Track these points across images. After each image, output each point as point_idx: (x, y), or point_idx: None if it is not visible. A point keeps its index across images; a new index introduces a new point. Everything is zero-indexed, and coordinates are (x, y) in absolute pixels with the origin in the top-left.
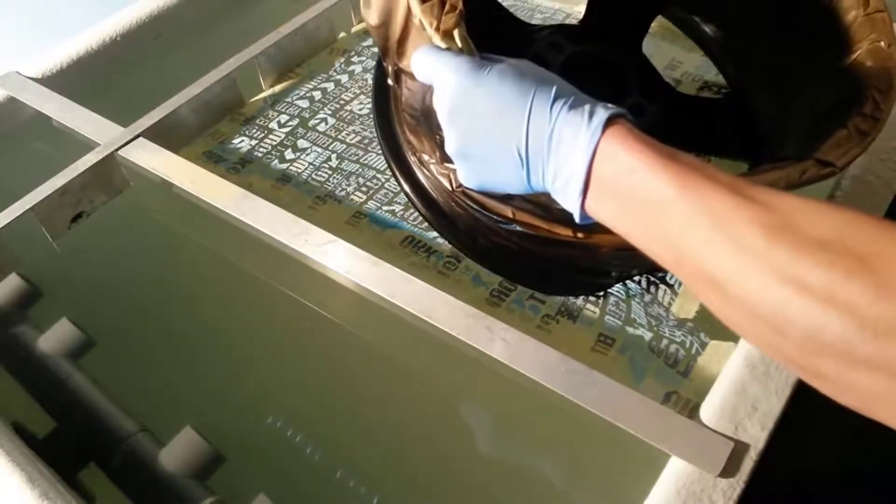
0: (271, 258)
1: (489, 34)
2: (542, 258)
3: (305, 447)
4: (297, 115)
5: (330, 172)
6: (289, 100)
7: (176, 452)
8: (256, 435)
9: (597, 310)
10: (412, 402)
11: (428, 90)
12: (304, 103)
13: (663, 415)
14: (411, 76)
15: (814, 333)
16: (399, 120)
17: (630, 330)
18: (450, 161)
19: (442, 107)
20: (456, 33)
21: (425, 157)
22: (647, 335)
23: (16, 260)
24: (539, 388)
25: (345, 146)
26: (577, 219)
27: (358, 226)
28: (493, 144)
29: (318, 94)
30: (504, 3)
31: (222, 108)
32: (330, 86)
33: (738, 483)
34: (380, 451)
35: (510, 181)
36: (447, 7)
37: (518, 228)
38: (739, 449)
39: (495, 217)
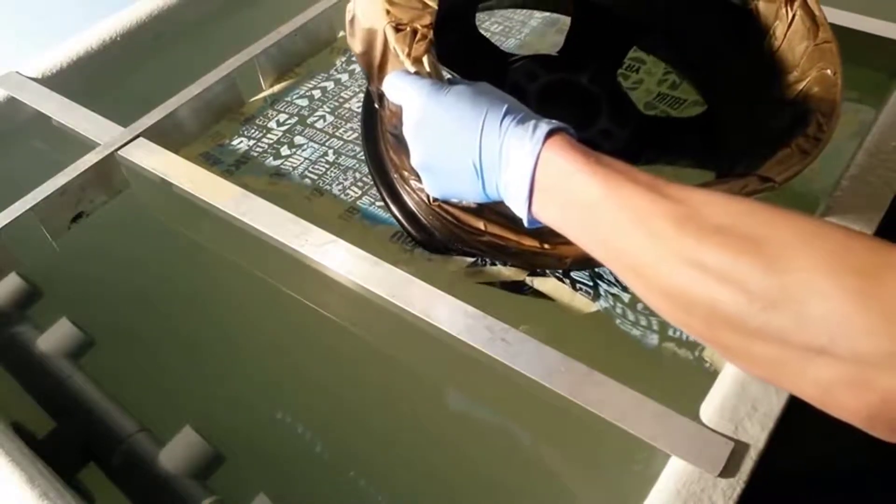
0: (271, 258)
1: (472, 63)
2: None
3: (305, 447)
4: (296, 114)
5: (327, 167)
6: (288, 99)
7: (176, 452)
8: (256, 435)
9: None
10: (412, 401)
11: None
12: (304, 102)
13: (663, 415)
14: None
15: (714, 310)
16: (383, 140)
17: (603, 285)
18: None
19: (408, 124)
20: (425, 59)
21: (405, 174)
22: (625, 296)
23: (16, 260)
24: (539, 388)
25: (342, 142)
26: (525, 223)
27: (350, 220)
28: (451, 157)
29: (317, 93)
30: None
31: (222, 108)
32: (330, 84)
33: (738, 483)
34: (380, 451)
35: (469, 190)
36: (418, 36)
37: (490, 240)
38: (739, 449)
39: (469, 229)
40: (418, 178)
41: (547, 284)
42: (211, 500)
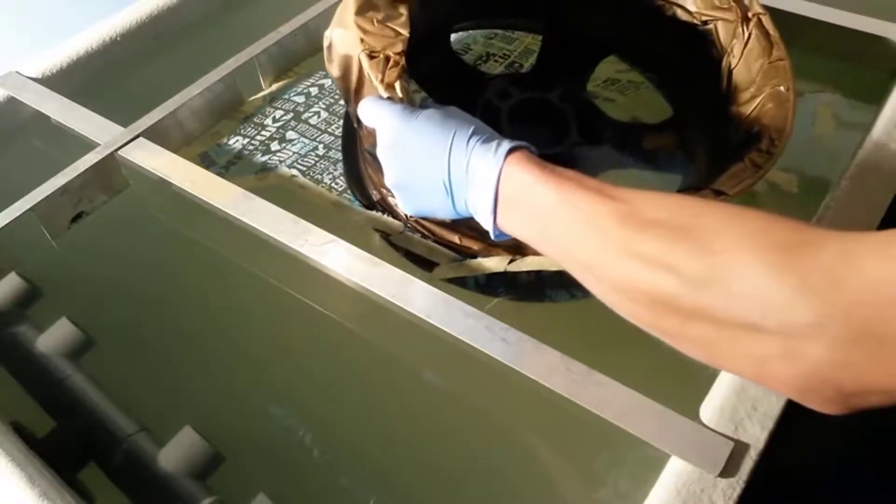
0: (271, 257)
1: (447, 83)
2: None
3: (305, 446)
4: (292, 110)
5: (317, 159)
6: (286, 96)
7: (175, 452)
8: (256, 435)
9: None
10: (412, 401)
11: None
12: (300, 98)
13: (663, 415)
14: None
15: (653, 295)
16: (362, 157)
17: None
18: None
19: (381, 146)
20: (397, 85)
21: (383, 191)
22: None
23: (16, 260)
24: (539, 388)
25: (333, 138)
26: (492, 235)
27: (342, 208)
28: (423, 176)
29: (314, 90)
30: None
31: (222, 108)
32: (327, 81)
33: (737, 483)
34: (380, 450)
35: (440, 208)
36: (391, 63)
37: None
38: (739, 449)
39: (444, 243)
40: (393, 195)
41: (528, 262)
42: (211, 500)
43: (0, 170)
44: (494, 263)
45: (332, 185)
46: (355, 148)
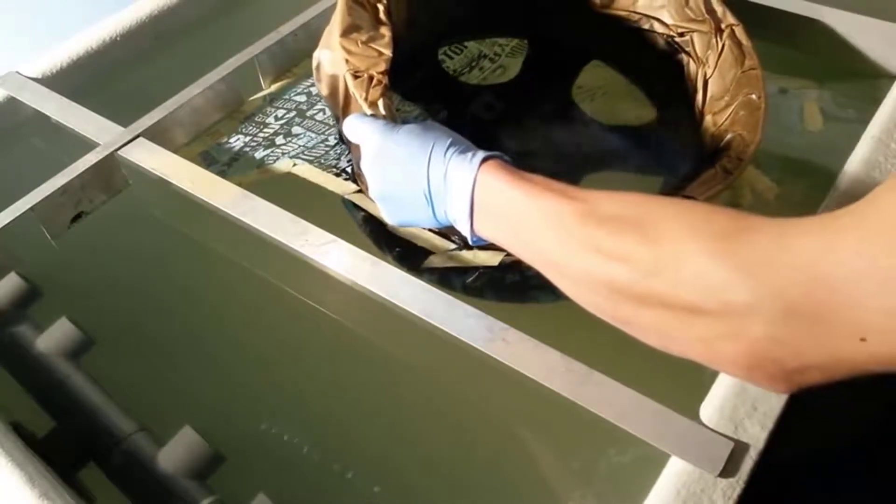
0: (272, 256)
1: (436, 97)
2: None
3: (305, 446)
4: (295, 109)
5: (327, 149)
6: (287, 96)
7: (175, 452)
8: (256, 435)
9: None
10: (412, 401)
11: None
12: (302, 98)
13: (663, 415)
14: None
15: (609, 284)
16: (356, 172)
17: None
18: None
19: (365, 159)
20: (380, 103)
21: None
22: None
23: (16, 260)
24: (539, 387)
25: None
26: (470, 241)
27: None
28: (404, 187)
29: (315, 90)
30: None
31: (222, 107)
32: None
33: (737, 483)
34: (380, 451)
35: (421, 217)
36: (374, 82)
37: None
38: (739, 449)
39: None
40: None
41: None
42: (211, 500)
43: (0, 170)
44: (489, 256)
45: (348, 168)
46: (352, 159)
